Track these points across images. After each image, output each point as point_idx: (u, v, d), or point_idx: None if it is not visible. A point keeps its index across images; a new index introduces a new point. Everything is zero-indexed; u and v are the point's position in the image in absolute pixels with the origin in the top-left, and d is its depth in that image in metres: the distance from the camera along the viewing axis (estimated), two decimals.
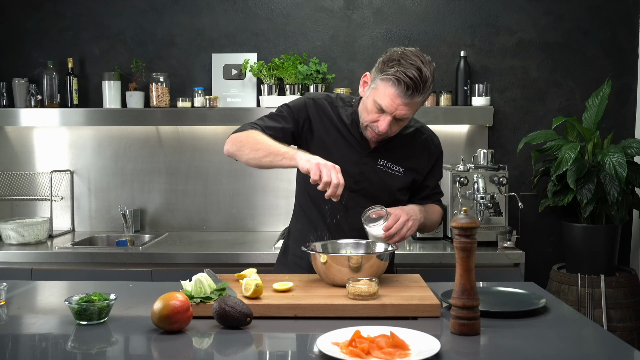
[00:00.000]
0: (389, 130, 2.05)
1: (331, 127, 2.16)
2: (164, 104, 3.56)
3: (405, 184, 2.21)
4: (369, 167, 2.16)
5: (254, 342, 1.57)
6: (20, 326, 1.73)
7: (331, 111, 2.18)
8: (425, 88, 1.98)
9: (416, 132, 2.23)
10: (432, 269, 2.97)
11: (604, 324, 3.09)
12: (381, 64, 2.01)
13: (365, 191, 2.15)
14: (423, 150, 2.23)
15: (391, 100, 1.97)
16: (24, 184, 3.65)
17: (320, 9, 3.64)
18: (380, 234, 2.01)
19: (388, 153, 2.18)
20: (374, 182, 2.16)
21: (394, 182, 2.18)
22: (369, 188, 2.16)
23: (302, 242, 2.20)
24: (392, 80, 1.95)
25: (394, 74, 1.95)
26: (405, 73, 1.94)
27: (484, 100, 3.49)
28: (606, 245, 3.22)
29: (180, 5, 3.66)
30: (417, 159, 2.21)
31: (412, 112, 2.03)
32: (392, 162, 2.18)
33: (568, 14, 3.60)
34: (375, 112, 2.03)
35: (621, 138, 3.46)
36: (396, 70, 1.95)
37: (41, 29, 3.69)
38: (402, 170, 2.19)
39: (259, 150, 1.99)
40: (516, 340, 1.55)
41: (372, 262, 1.85)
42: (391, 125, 2.03)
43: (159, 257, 3.11)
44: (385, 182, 2.17)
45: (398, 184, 2.19)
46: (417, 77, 1.94)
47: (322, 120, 2.17)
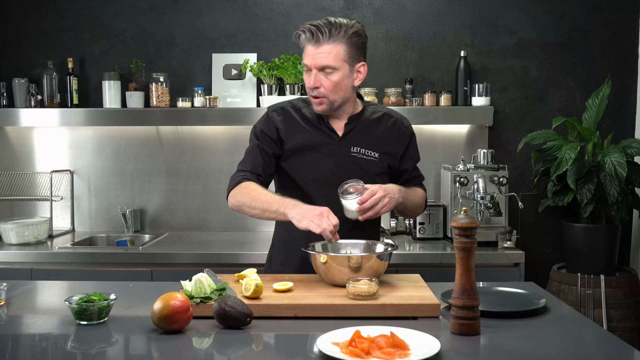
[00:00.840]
0: (322, 87, 2.08)
1: (299, 129, 2.19)
2: (164, 104, 3.56)
3: (382, 169, 2.21)
4: (343, 156, 2.17)
5: (254, 342, 1.57)
6: (20, 326, 1.73)
7: (295, 114, 2.21)
8: (333, 32, 2.04)
9: (384, 116, 2.25)
10: (432, 269, 2.97)
11: (604, 324, 3.09)
12: None
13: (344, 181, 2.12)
14: (394, 133, 2.24)
15: (307, 54, 2.08)
16: (24, 184, 3.65)
17: (320, 9, 3.64)
18: (355, 208, 2.00)
19: (359, 139, 2.19)
20: (351, 171, 2.15)
21: (371, 167, 2.19)
22: (348, 177, 2.13)
23: (284, 251, 2.24)
24: (301, 36, 2.07)
25: (299, 30, 2.08)
26: (310, 23, 2.06)
27: (484, 100, 3.49)
28: (606, 245, 3.22)
29: (180, 5, 3.66)
30: (390, 142, 2.22)
31: (332, 59, 2.05)
32: (366, 148, 2.18)
33: (568, 14, 3.60)
34: (306, 76, 2.11)
35: (621, 138, 3.46)
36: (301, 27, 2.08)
37: (41, 29, 3.69)
38: (377, 155, 2.19)
39: (255, 208, 2.06)
40: (516, 340, 1.55)
41: (372, 262, 1.85)
42: (320, 80, 2.07)
43: (159, 257, 3.11)
44: (363, 168, 2.17)
45: (375, 169, 2.19)
46: (322, 24, 2.05)
47: (289, 125, 2.20)
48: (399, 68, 3.63)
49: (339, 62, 2.07)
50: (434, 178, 3.61)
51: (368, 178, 2.15)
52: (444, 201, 3.40)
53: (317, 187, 2.16)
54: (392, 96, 3.48)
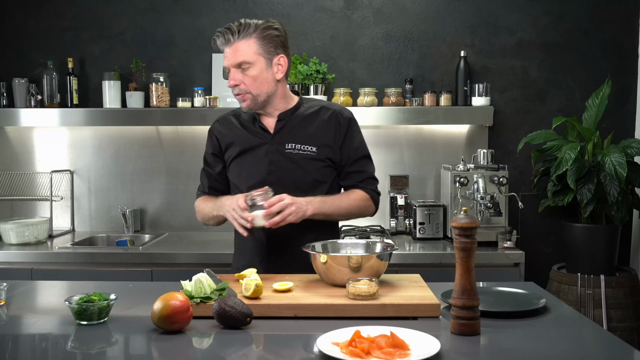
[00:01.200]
0: (242, 83, 2.11)
1: (236, 135, 2.23)
2: (164, 104, 3.56)
3: (323, 164, 2.17)
4: (277, 155, 2.16)
5: (254, 342, 1.57)
6: (20, 326, 1.73)
7: (235, 121, 2.26)
8: (242, 30, 2.09)
9: (321, 109, 2.22)
10: (432, 269, 2.97)
11: (604, 324, 3.09)
12: None
13: (283, 180, 2.14)
14: (331, 125, 2.19)
15: (224, 55, 2.13)
16: (24, 184, 3.65)
17: (320, 9, 3.64)
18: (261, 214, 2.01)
19: (294, 135, 2.17)
20: (287, 168, 2.15)
21: (310, 163, 2.16)
22: (285, 176, 2.14)
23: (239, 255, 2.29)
24: (216, 41, 2.13)
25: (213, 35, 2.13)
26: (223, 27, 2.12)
27: (484, 100, 3.49)
28: (606, 245, 3.22)
29: (180, 5, 3.66)
30: (327, 134, 2.18)
31: (246, 54, 2.10)
32: (302, 144, 2.16)
33: (568, 14, 3.60)
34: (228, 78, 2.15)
35: (621, 138, 3.46)
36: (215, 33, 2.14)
37: (41, 29, 3.69)
38: (314, 150, 2.16)
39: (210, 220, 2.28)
40: (516, 340, 1.55)
41: (372, 262, 1.84)
42: (237, 76, 2.11)
43: (159, 257, 3.11)
44: (300, 165, 2.15)
45: (315, 164, 2.16)
46: (230, 25, 2.11)
47: (228, 134, 2.25)
48: (399, 68, 3.63)
49: (254, 56, 2.10)
50: (434, 178, 3.62)
51: (308, 175, 2.15)
52: (444, 201, 3.40)
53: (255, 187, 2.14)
54: (392, 96, 3.48)
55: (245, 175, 2.20)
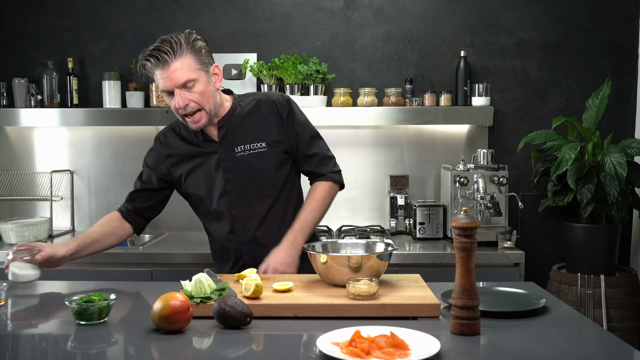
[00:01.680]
0: (191, 102, 2.05)
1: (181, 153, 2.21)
2: (164, 104, 3.55)
3: (278, 158, 2.17)
4: (229, 161, 2.15)
5: (254, 342, 1.57)
6: (20, 326, 1.73)
7: (174, 138, 2.23)
8: (175, 48, 2.01)
9: (258, 103, 2.20)
10: (432, 269, 2.97)
11: (604, 324, 3.09)
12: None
13: (241, 185, 2.14)
14: (272, 115, 2.18)
15: (160, 78, 2.03)
16: (24, 184, 3.65)
17: (320, 9, 3.64)
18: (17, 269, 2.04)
19: (239, 137, 2.15)
20: (242, 172, 2.14)
21: (264, 161, 2.15)
22: (243, 181, 2.14)
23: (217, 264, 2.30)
24: (146, 66, 2.03)
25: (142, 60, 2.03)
26: (148, 50, 2.02)
27: (484, 100, 3.49)
28: (606, 245, 3.22)
29: (180, 5, 3.66)
30: (271, 126, 2.17)
31: (187, 72, 2.03)
32: (250, 143, 2.15)
33: (568, 14, 3.60)
34: (170, 100, 2.07)
35: (621, 138, 3.46)
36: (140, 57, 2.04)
37: (41, 29, 3.69)
38: (265, 145, 2.15)
39: None
40: (516, 340, 1.55)
41: (372, 262, 1.84)
42: (185, 97, 2.04)
43: (159, 257, 3.11)
44: (254, 166, 2.14)
45: (269, 160, 2.16)
46: (157, 46, 2.01)
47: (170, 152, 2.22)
48: (399, 68, 3.63)
49: (195, 72, 2.04)
50: (434, 178, 3.61)
51: (264, 174, 2.15)
52: (444, 201, 3.40)
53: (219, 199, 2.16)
54: (392, 96, 3.48)
55: (203, 189, 2.19)
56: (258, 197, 2.15)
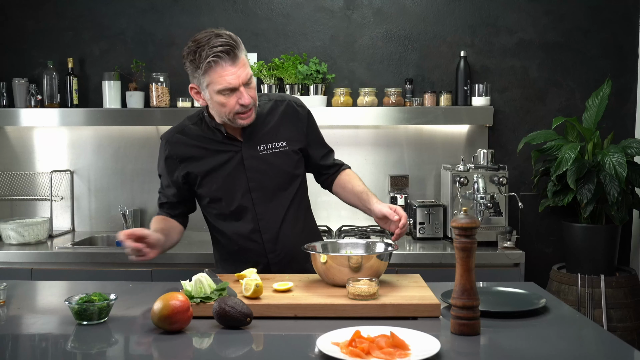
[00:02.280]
0: (251, 99, 2.04)
1: (199, 151, 2.15)
2: (164, 104, 3.56)
3: (296, 157, 2.20)
4: (253, 160, 2.14)
5: (254, 342, 1.57)
6: (20, 326, 1.73)
7: (186, 138, 2.18)
8: (237, 43, 1.99)
9: (276, 103, 2.21)
10: (432, 269, 2.97)
11: (604, 324, 3.09)
12: (191, 65, 2.02)
13: (264, 183, 2.14)
14: (291, 116, 2.21)
15: (227, 75, 1.98)
16: (24, 184, 3.65)
17: (320, 9, 3.64)
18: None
19: (261, 136, 2.16)
20: (265, 170, 2.15)
21: (286, 160, 2.17)
22: (265, 179, 2.14)
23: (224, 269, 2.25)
24: (212, 62, 1.96)
25: (208, 57, 1.96)
26: (213, 47, 1.96)
27: (484, 100, 3.49)
28: (606, 245, 3.22)
29: (180, 5, 3.66)
30: (291, 126, 2.20)
31: (248, 69, 2.03)
32: (271, 142, 2.16)
33: (568, 14, 3.60)
34: (228, 98, 2.02)
35: (621, 138, 3.46)
36: (205, 53, 1.96)
37: (41, 29, 3.69)
38: (285, 144, 2.17)
39: None
40: (516, 340, 1.55)
41: (372, 262, 1.85)
42: (249, 93, 2.03)
43: (159, 257, 3.06)
44: (276, 164, 2.15)
45: (290, 159, 2.18)
46: (224, 41, 1.96)
47: (187, 152, 2.16)
48: (399, 68, 3.63)
49: (250, 69, 2.06)
50: (434, 178, 3.61)
51: (286, 171, 2.16)
52: (444, 201, 3.40)
53: (241, 197, 2.15)
54: (392, 96, 3.48)
55: (224, 189, 2.16)
56: (279, 194, 2.17)
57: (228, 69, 1.97)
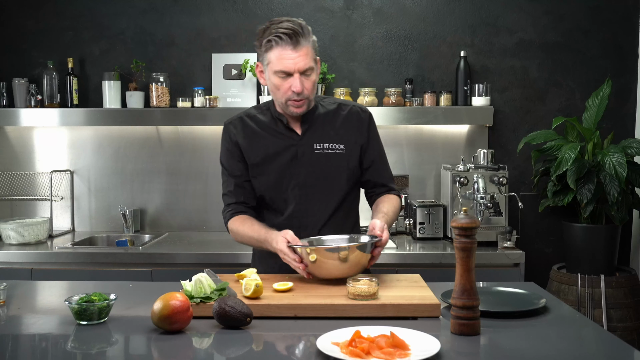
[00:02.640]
0: (304, 89, 2.03)
1: (259, 139, 2.16)
2: (164, 104, 3.56)
3: (352, 163, 2.16)
4: (307, 157, 2.13)
5: (254, 342, 1.57)
6: (20, 326, 1.73)
7: (251, 123, 2.18)
8: (305, 32, 2.00)
9: (340, 106, 2.20)
10: (432, 269, 2.97)
11: (604, 324, 3.09)
12: (258, 43, 2.05)
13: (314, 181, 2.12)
14: (353, 121, 2.18)
15: (285, 57, 1.99)
16: (24, 184, 3.65)
17: (320, 9, 3.64)
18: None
19: (320, 134, 2.14)
20: (317, 169, 2.13)
21: (339, 162, 2.14)
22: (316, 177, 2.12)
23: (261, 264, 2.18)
24: (274, 42, 1.99)
25: (270, 36, 1.99)
26: (279, 28, 1.98)
27: (484, 100, 3.49)
28: (606, 245, 3.22)
29: (180, 5, 3.66)
30: (352, 130, 2.17)
31: (310, 60, 2.02)
32: (330, 142, 2.14)
33: (568, 14, 3.60)
34: (283, 82, 2.03)
35: (621, 138, 3.46)
36: (269, 32, 2.00)
37: (41, 29, 3.69)
38: (343, 147, 2.15)
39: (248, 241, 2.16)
40: (516, 340, 1.55)
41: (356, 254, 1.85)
42: (303, 83, 2.02)
43: (159, 257, 3.11)
44: (329, 165, 2.13)
45: (344, 162, 2.14)
46: (290, 26, 1.98)
47: (246, 136, 2.17)
48: (399, 68, 3.63)
49: (313, 61, 2.06)
50: (434, 178, 3.61)
51: (340, 173, 2.13)
52: (444, 201, 3.40)
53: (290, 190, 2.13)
54: (392, 96, 3.48)
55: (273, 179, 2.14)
56: (327, 196, 2.13)
57: (287, 52, 1.99)
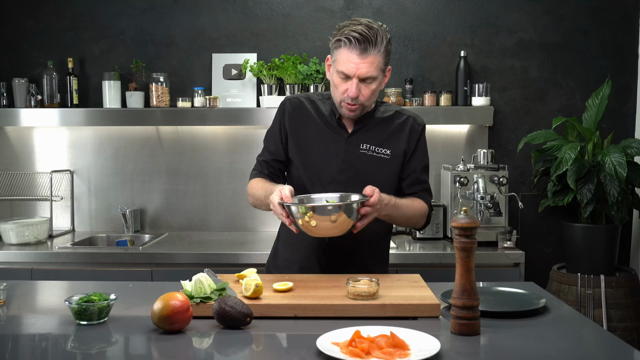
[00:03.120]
0: (361, 95, 2.04)
1: (309, 123, 2.17)
2: (164, 104, 3.56)
3: (394, 170, 2.15)
4: (351, 154, 2.13)
5: (254, 342, 1.57)
6: (20, 326, 1.73)
7: (309, 106, 2.19)
8: (378, 41, 1.99)
9: (395, 114, 2.20)
10: (432, 269, 2.97)
11: (604, 324, 3.09)
12: (332, 38, 2.06)
13: (352, 181, 2.11)
14: (405, 130, 2.17)
15: (349, 61, 2.00)
16: (24, 184, 3.65)
17: (320, 9, 3.64)
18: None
19: (369, 136, 2.14)
20: (358, 169, 2.12)
21: (382, 166, 2.13)
22: (354, 176, 2.11)
23: (291, 244, 2.21)
24: (343, 41, 2.00)
25: (342, 36, 2.00)
26: (353, 30, 1.99)
27: (483, 100, 3.49)
28: (606, 245, 3.22)
29: (180, 5, 3.66)
30: (401, 139, 2.16)
31: (374, 69, 2.01)
32: (377, 146, 2.14)
33: (568, 14, 3.60)
34: (342, 82, 2.04)
35: (621, 138, 3.46)
36: (342, 32, 2.01)
37: (41, 29, 3.69)
38: (389, 153, 2.14)
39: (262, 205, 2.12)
40: (516, 340, 1.55)
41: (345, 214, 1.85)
42: (360, 89, 2.03)
43: (159, 257, 3.11)
44: (371, 167, 2.13)
45: (386, 169, 2.14)
46: (364, 31, 1.98)
47: (298, 118, 2.18)
48: (399, 68, 3.63)
49: (378, 71, 2.04)
50: (434, 178, 3.61)
51: (378, 177, 2.11)
52: (444, 201, 3.40)
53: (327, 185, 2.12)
54: (392, 96, 3.48)
55: (313, 165, 2.14)
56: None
57: (353, 56, 2.00)
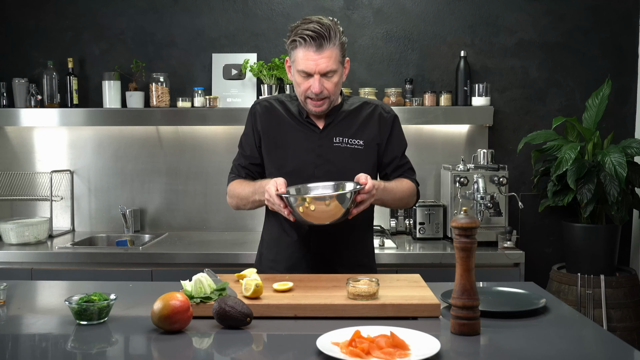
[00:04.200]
0: (325, 90, 2.07)
1: (281, 123, 2.20)
2: (164, 104, 3.56)
3: (370, 159, 2.18)
4: (325, 148, 2.15)
5: (254, 342, 1.57)
6: (20, 326, 1.73)
7: (279, 107, 2.22)
8: (332, 35, 2.03)
9: (364, 105, 2.23)
10: (432, 269, 2.97)
11: (604, 324, 3.09)
12: (287, 40, 2.10)
13: (330, 174, 2.12)
14: (375, 119, 2.20)
15: (307, 58, 2.04)
16: (24, 184, 3.65)
17: (320, 9, 3.63)
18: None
19: (341, 129, 2.17)
20: (334, 162, 2.14)
21: (357, 157, 2.16)
22: (332, 169, 2.14)
23: (276, 245, 2.23)
24: (298, 41, 2.04)
25: (296, 36, 2.04)
26: (305, 29, 2.03)
27: (484, 100, 3.49)
28: (606, 245, 3.22)
29: (180, 5, 3.66)
30: (372, 128, 2.19)
31: (332, 62, 2.05)
32: (349, 137, 2.16)
33: (568, 14, 3.60)
34: (304, 81, 2.08)
35: (621, 138, 3.46)
36: (295, 32, 2.05)
37: (41, 29, 3.69)
38: (362, 143, 2.17)
39: (247, 204, 2.18)
40: (516, 340, 1.55)
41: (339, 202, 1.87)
42: (323, 84, 2.06)
43: (159, 257, 3.11)
44: (347, 158, 2.15)
45: (362, 158, 2.16)
46: (317, 28, 2.02)
47: (270, 119, 2.21)
48: (399, 68, 3.63)
49: (337, 64, 2.08)
50: (434, 178, 3.61)
51: (355, 167, 2.12)
52: (444, 201, 3.40)
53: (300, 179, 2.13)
54: (392, 96, 3.48)
55: (289, 164, 2.16)
56: None
57: (310, 53, 2.04)
